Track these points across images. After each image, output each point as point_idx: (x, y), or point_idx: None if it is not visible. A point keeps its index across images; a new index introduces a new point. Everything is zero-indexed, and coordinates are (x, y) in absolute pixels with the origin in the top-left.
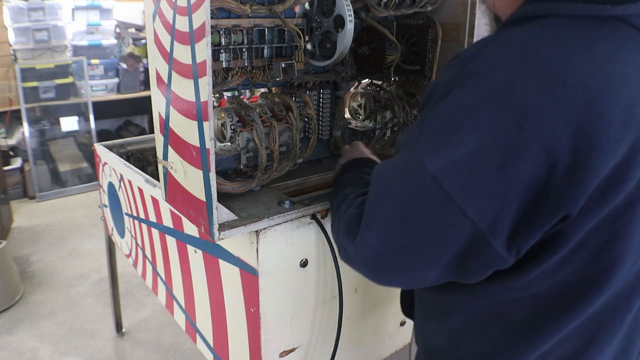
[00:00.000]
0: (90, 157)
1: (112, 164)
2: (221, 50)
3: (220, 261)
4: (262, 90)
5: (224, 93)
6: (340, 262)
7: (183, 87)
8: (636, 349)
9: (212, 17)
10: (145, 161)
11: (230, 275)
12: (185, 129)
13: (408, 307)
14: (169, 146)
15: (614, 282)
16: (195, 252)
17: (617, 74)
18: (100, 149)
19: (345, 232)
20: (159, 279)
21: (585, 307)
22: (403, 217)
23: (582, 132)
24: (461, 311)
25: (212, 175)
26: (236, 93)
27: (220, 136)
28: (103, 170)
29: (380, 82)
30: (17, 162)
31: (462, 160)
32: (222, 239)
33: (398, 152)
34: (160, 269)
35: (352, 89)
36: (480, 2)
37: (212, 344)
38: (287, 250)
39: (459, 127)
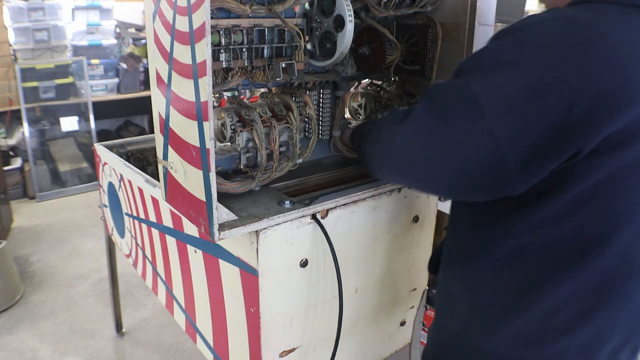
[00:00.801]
0: (90, 157)
1: (112, 164)
2: (221, 50)
3: (220, 261)
4: (262, 90)
5: (224, 93)
6: (340, 262)
7: (183, 87)
8: None
9: (212, 17)
10: (145, 161)
11: (230, 275)
12: (185, 129)
13: (436, 265)
14: (169, 146)
15: (622, 239)
16: (195, 252)
17: None
18: (100, 149)
19: (391, 121)
20: (159, 279)
21: (597, 259)
22: (440, 119)
23: (604, 84)
24: (483, 256)
25: (212, 175)
26: (236, 93)
27: (220, 136)
28: (103, 170)
29: (380, 82)
30: (17, 162)
31: (499, 87)
32: (222, 239)
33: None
34: (160, 269)
35: (352, 89)
36: (539, 1)
37: (212, 344)
38: (287, 250)
39: (503, 62)
